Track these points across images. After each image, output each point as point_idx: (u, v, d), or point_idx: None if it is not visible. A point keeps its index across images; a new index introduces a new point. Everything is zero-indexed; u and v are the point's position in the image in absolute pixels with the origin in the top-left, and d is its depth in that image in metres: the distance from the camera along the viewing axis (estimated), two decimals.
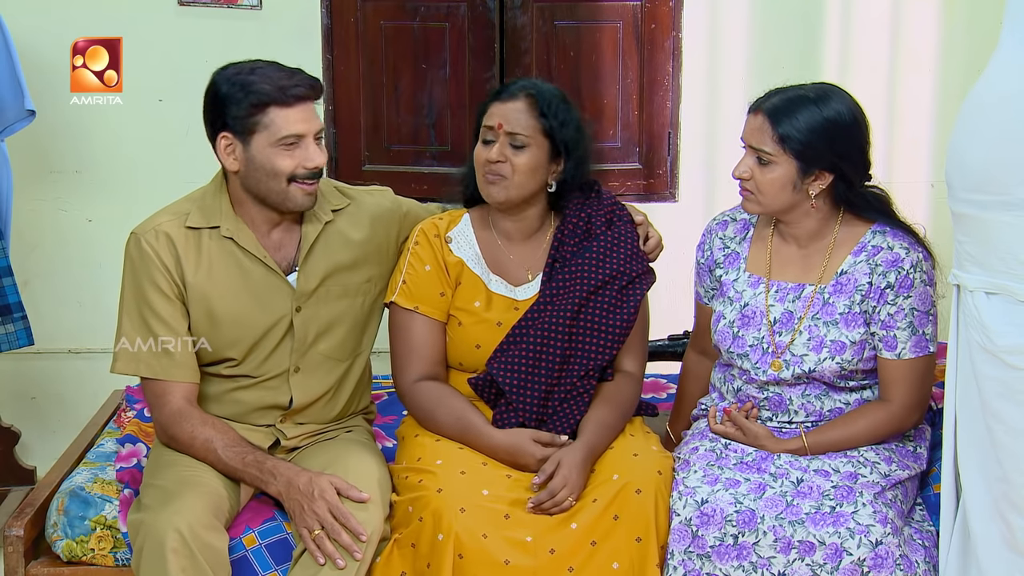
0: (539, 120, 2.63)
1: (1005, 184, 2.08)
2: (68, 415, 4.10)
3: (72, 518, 2.63)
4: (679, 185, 4.29)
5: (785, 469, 2.53)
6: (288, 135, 2.54)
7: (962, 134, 2.16)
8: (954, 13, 4.18)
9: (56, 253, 4.22)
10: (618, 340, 2.67)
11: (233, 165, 2.59)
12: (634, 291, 2.69)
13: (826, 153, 2.51)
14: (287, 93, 2.53)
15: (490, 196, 2.66)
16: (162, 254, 2.59)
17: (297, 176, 2.57)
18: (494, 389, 2.66)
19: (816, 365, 2.57)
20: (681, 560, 2.44)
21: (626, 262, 2.70)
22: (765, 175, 2.53)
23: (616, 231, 2.73)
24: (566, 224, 2.72)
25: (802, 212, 2.59)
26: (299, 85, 2.55)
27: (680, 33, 4.20)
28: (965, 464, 2.27)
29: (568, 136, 2.66)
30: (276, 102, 2.53)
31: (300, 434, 2.71)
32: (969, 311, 2.20)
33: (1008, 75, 2.10)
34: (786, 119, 2.50)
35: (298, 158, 2.56)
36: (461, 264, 2.71)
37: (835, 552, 2.37)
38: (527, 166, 2.63)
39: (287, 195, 2.58)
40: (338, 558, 2.41)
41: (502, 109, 2.65)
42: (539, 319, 2.64)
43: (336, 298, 2.70)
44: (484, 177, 2.65)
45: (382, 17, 4.19)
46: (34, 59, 3.95)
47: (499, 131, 2.63)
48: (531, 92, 2.65)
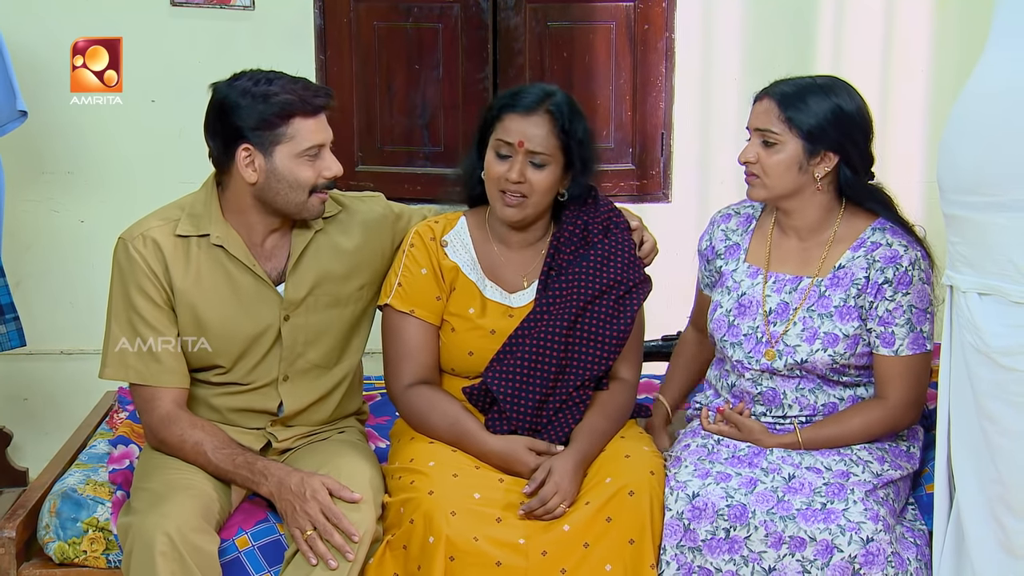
0: (560, 137, 2.59)
1: (996, 186, 2.08)
2: (60, 416, 4.09)
3: (64, 520, 2.63)
4: (672, 186, 4.29)
5: (777, 465, 2.53)
6: (312, 145, 2.53)
7: (952, 136, 2.16)
8: (946, 12, 4.19)
9: (49, 254, 4.21)
10: (614, 350, 2.65)
11: (252, 177, 2.55)
12: (631, 301, 2.67)
13: (832, 132, 2.53)
14: (310, 103, 2.52)
15: (506, 216, 2.63)
16: (150, 260, 2.58)
17: (317, 186, 2.57)
18: (488, 398, 2.64)
19: (808, 356, 2.58)
20: (674, 554, 2.44)
21: (623, 271, 2.67)
22: (771, 157, 2.55)
23: (613, 239, 2.70)
24: (563, 231, 2.70)
25: (806, 198, 2.59)
26: (318, 95, 2.55)
27: (673, 34, 4.20)
28: (959, 465, 2.27)
29: (585, 153, 2.64)
30: (301, 112, 2.51)
31: (292, 436, 2.71)
32: (962, 312, 2.20)
33: (995, 75, 2.10)
34: (793, 101, 2.54)
35: (318, 168, 2.56)
36: (456, 269, 2.69)
37: (826, 548, 2.38)
38: (546, 185, 2.60)
39: (305, 205, 2.58)
40: (330, 559, 2.40)
41: (522, 125, 2.58)
42: (535, 328, 2.62)
43: (325, 307, 2.69)
44: (501, 196, 2.61)
45: (375, 18, 4.18)
46: (27, 59, 3.94)
47: (519, 149, 2.58)
48: (550, 108, 2.59)
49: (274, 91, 2.51)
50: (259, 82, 2.53)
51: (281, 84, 2.52)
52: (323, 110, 2.55)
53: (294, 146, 2.53)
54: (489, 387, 2.61)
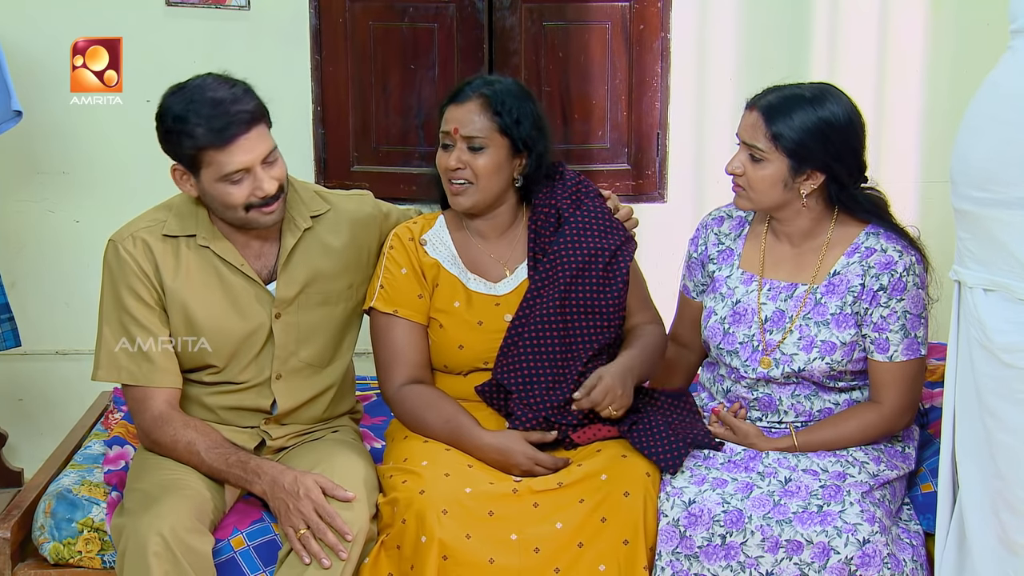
0: (494, 120, 2.62)
1: (1006, 183, 2.08)
2: (55, 417, 4.09)
3: (59, 520, 2.63)
4: (668, 186, 4.29)
5: (773, 468, 2.53)
6: (233, 171, 2.49)
7: (967, 131, 2.16)
8: (942, 14, 4.19)
9: (43, 254, 4.20)
10: (614, 318, 2.66)
11: (191, 192, 2.57)
12: (619, 265, 2.69)
13: (818, 153, 2.51)
14: (223, 136, 2.46)
15: (457, 204, 2.67)
16: (140, 260, 2.58)
17: (252, 204, 2.54)
18: (501, 394, 2.64)
19: (806, 365, 2.57)
20: (669, 561, 2.44)
21: (603, 237, 2.69)
22: (757, 172, 2.54)
23: (585, 208, 2.72)
24: (537, 215, 2.72)
25: (793, 211, 2.59)
26: (234, 122, 2.46)
27: (669, 34, 4.20)
28: (963, 460, 2.27)
29: (526, 131, 2.65)
30: (212, 146, 2.47)
31: (286, 434, 2.71)
32: (968, 308, 2.20)
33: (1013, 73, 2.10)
34: (780, 117, 2.51)
35: (249, 188, 2.52)
36: (437, 266, 2.71)
37: (823, 551, 2.38)
38: (488, 168, 2.63)
39: (247, 220, 2.57)
40: (324, 557, 2.40)
41: (456, 113, 2.64)
42: (531, 314, 2.63)
43: (316, 305, 2.69)
44: (449, 185, 2.66)
45: (370, 18, 4.18)
46: (22, 60, 3.94)
47: (455, 136, 2.63)
48: (483, 92, 2.64)
49: (187, 122, 2.46)
50: (181, 104, 2.49)
51: (197, 112, 2.46)
52: (242, 135, 2.47)
53: (214, 172, 2.50)
54: (500, 382, 2.61)
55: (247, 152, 2.49)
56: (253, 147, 2.49)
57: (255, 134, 2.50)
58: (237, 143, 2.47)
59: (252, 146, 2.49)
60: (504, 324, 2.67)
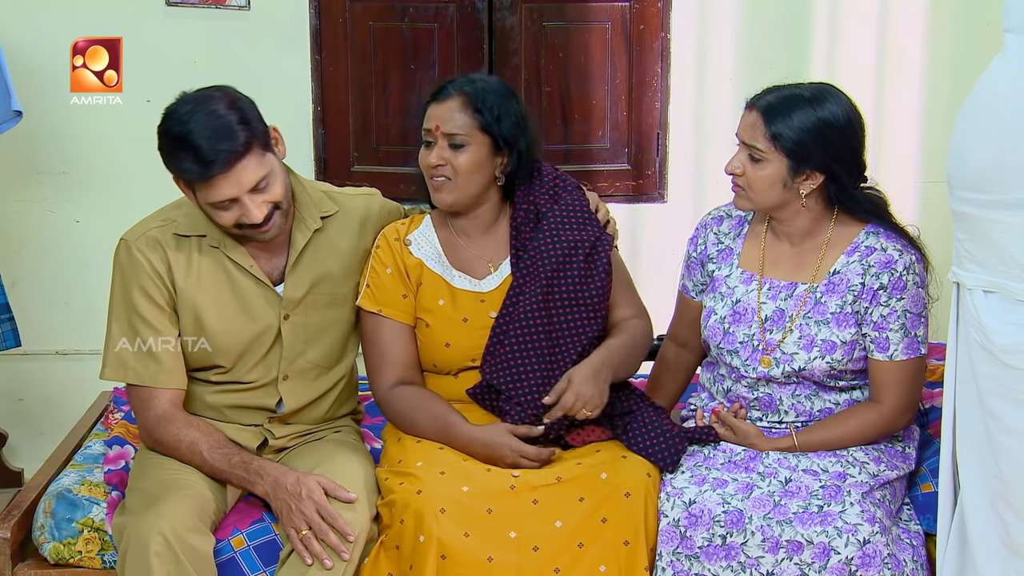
0: (475, 117, 2.63)
1: (1003, 184, 2.08)
2: (56, 417, 4.09)
3: (59, 520, 2.63)
4: (668, 186, 4.29)
5: (773, 468, 2.53)
6: (219, 201, 2.48)
7: (963, 132, 2.16)
8: (941, 14, 4.20)
9: (44, 254, 4.21)
10: (598, 310, 2.66)
11: (193, 200, 2.56)
12: (599, 256, 2.69)
13: (817, 153, 2.51)
14: (205, 175, 2.44)
15: (439, 201, 2.67)
16: (153, 261, 2.58)
17: (242, 225, 2.53)
18: (493, 394, 2.65)
19: (806, 364, 2.57)
20: (669, 561, 2.44)
21: (581, 228, 2.69)
22: (756, 172, 2.54)
23: (563, 203, 2.72)
24: (518, 212, 2.73)
25: (793, 211, 2.59)
26: (218, 161, 2.43)
27: (669, 34, 4.20)
28: (964, 461, 2.27)
29: (507, 129, 2.65)
30: (198, 182, 2.46)
31: (288, 434, 2.71)
32: (968, 309, 2.20)
33: (1008, 74, 2.10)
34: (779, 117, 2.51)
35: (236, 214, 2.50)
36: (421, 265, 2.71)
37: (823, 551, 2.38)
38: (468, 166, 2.63)
39: (243, 236, 2.57)
40: (325, 558, 2.40)
41: (437, 110, 2.65)
42: (515, 312, 2.63)
43: (324, 306, 2.69)
44: (430, 182, 2.67)
45: (370, 18, 4.18)
46: (22, 59, 3.94)
47: (436, 133, 2.63)
48: (465, 89, 2.64)
49: (177, 156, 2.46)
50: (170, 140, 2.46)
51: (187, 145, 2.43)
52: (226, 171, 2.44)
53: (202, 198, 2.50)
54: (489, 382, 2.61)
55: (232, 185, 2.46)
56: (238, 180, 2.46)
57: (241, 167, 2.45)
58: (220, 179, 2.45)
59: (237, 179, 2.46)
60: (490, 321, 2.67)
